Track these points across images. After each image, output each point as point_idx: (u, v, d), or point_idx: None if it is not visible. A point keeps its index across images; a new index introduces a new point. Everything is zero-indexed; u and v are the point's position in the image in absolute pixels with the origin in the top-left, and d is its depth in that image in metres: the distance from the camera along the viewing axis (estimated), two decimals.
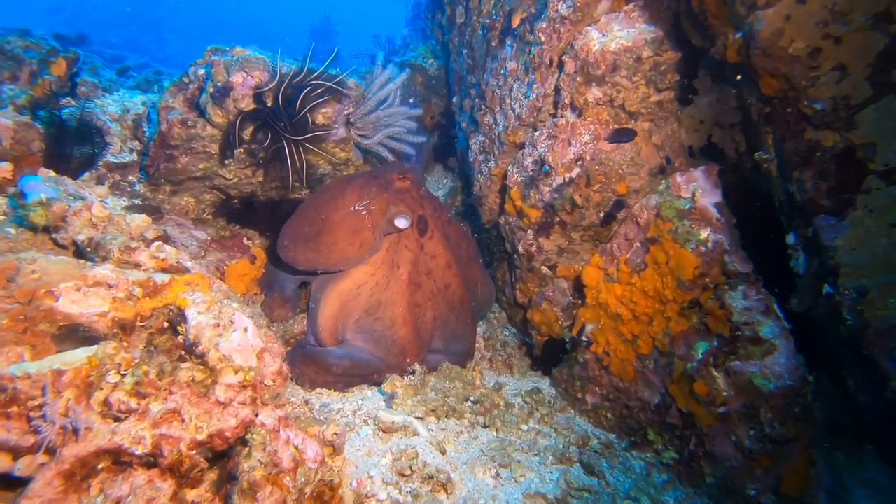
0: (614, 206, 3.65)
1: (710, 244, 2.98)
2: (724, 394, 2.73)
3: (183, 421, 2.09)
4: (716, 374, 2.77)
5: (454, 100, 6.20)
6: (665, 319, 3.25)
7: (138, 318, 2.32)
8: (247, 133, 3.63)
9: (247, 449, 2.20)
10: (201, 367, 2.31)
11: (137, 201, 3.81)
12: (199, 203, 4.27)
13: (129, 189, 3.87)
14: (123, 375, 2.14)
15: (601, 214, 3.76)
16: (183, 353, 2.33)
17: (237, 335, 2.36)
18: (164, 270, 2.70)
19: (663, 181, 3.41)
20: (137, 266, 2.60)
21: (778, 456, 2.52)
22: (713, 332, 2.93)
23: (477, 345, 4.80)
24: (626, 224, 3.55)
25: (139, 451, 1.92)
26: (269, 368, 2.48)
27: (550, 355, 4.41)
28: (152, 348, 2.30)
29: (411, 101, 4.73)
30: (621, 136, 3.30)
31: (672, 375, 3.14)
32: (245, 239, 3.99)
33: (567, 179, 3.77)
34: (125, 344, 2.23)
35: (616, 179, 3.61)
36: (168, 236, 3.59)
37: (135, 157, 4.01)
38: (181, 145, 3.69)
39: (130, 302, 2.34)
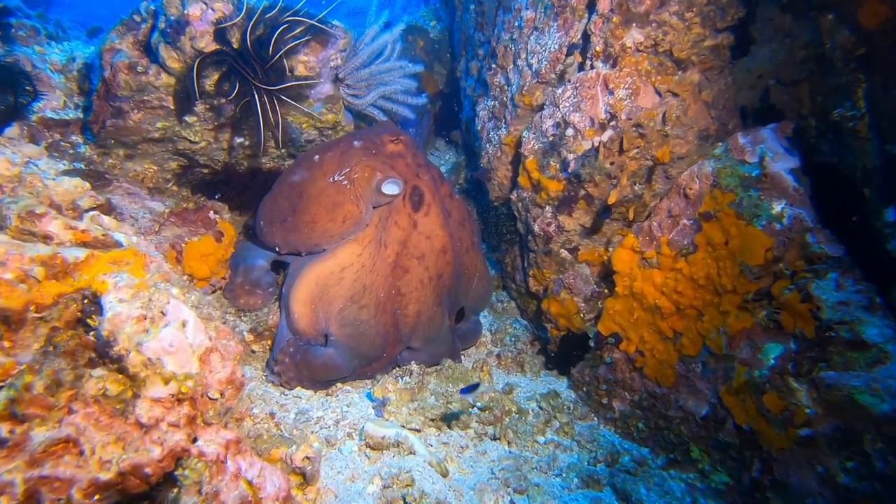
0: (655, 177, 3.03)
1: (785, 220, 2.36)
2: (807, 411, 2.12)
3: (81, 454, 1.48)
4: (795, 385, 2.16)
5: (459, 64, 5.54)
6: (720, 314, 2.63)
7: (32, 308, 1.70)
8: (210, 83, 2.99)
9: (175, 491, 1.60)
10: (119, 376, 1.70)
11: (81, 165, 3.18)
12: (161, 171, 3.64)
13: (71, 151, 3.23)
14: None
15: (637, 186, 3.13)
16: (94, 355, 1.72)
17: (170, 331, 1.75)
18: (85, 245, 2.07)
19: (719, 144, 2.78)
20: (47, 238, 1.97)
21: (885, 499, 1.92)
22: (788, 331, 2.32)
23: (483, 338, 4.20)
24: (670, 197, 2.92)
25: None
26: (216, 375, 1.87)
27: (568, 352, 3.81)
28: (51, 349, 1.68)
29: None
30: None
31: (730, 383, 2.53)
32: (211, 212, 3.36)
33: (596, 144, 3.14)
34: (7, 344, 1.61)
35: (657, 143, 2.98)
36: (112, 206, 2.97)
37: (80, 114, 3.37)
38: (131, 97, 3.05)
39: (23, 285, 1.72)
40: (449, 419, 2.99)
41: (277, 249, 3.28)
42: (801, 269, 2.28)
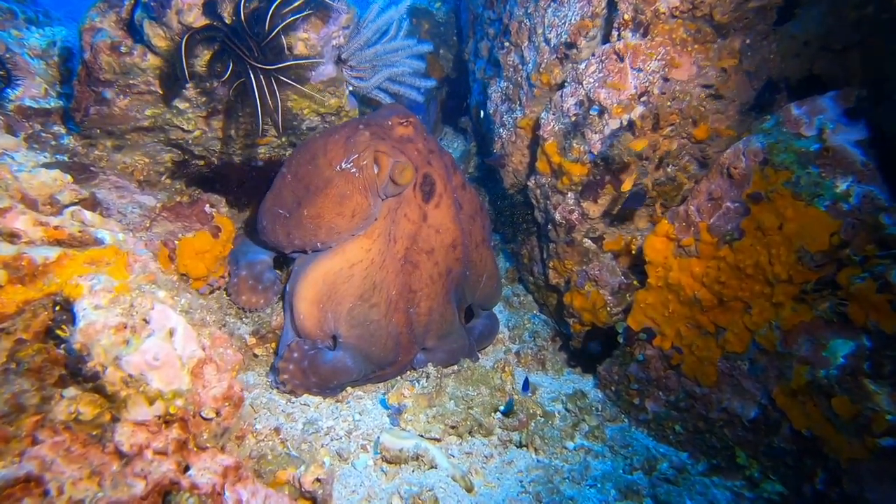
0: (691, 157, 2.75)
1: (853, 199, 2.08)
2: (888, 418, 1.86)
3: (45, 494, 1.23)
4: (872, 387, 1.90)
5: (467, 46, 5.26)
6: (773, 307, 2.37)
7: None
8: (201, 62, 2.72)
9: None
10: (94, 396, 1.44)
11: (63, 157, 2.93)
12: (154, 164, 3.37)
13: (53, 142, 2.98)
14: None
15: (671, 168, 2.86)
16: (65, 372, 1.47)
17: (154, 341, 1.49)
18: (59, 243, 1.82)
19: (767, 117, 2.50)
20: (12, 237, 1.72)
21: None
22: (858, 325, 2.05)
23: (500, 334, 3.95)
24: (710, 178, 2.65)
25: None
26: (211, 391, 1.62)
27: (594, 349, 3.55)
28: (13, 366, 1.43)
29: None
30: None
31: (787, 383, 2.27)
32: (207, 206, 3.11)
33: (626, 122, 2.86)
34: None
35: (694, 119, 2.70)
36: (97, 201, 2.71)
37: (63, 102, 3.11)
38: (115, 81, 2.79)
39: None
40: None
41: (282, 249, 3.04)
42: (874, 254, 2.01)
